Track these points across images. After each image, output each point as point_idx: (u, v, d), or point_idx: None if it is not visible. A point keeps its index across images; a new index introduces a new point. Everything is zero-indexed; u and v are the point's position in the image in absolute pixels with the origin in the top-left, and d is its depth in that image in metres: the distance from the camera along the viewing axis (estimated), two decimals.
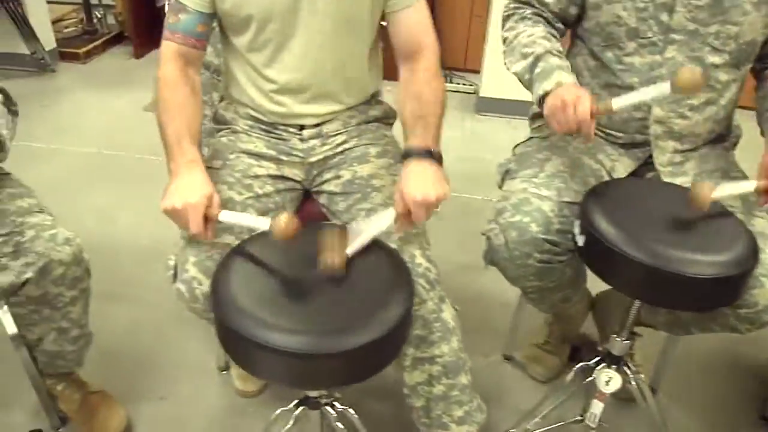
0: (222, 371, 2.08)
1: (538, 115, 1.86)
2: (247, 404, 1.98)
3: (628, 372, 1.70)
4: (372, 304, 1.24)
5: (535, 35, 1.63)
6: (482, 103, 3.86)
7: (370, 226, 1.37)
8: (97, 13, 4.84)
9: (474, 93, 4.05)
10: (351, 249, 1.31)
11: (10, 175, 1.64)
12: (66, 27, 4.82)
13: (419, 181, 1.40)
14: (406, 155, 1.47)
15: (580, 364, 1.74)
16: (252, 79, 1.63)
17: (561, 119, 1.44)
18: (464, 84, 4.16)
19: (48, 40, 4.36)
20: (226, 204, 1.47)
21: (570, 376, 1.78)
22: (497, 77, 3.58)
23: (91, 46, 4.63)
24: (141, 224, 2.76)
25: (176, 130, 1.46)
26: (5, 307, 1.58)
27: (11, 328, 1.62)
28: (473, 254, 1.53)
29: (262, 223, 1.31)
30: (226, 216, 1.37)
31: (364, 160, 1.65)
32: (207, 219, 1.35)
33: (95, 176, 3.19)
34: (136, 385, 2.01)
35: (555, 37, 1.68)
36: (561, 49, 1.64)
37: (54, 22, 4.57)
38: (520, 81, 1.65)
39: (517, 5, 1.73)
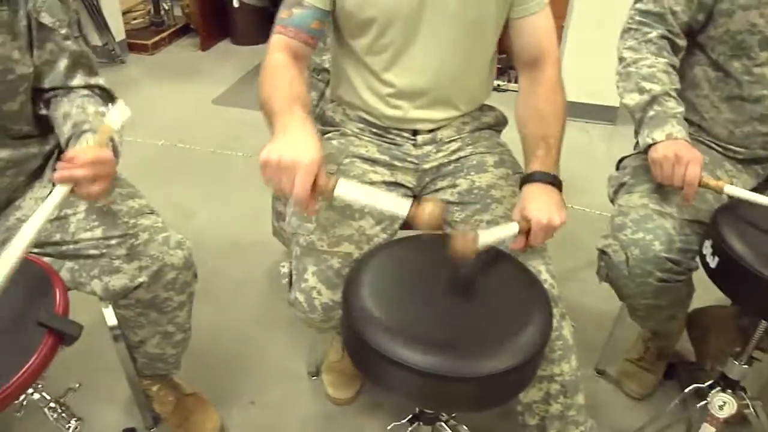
0: (312, 377, 2.05)
1: None
2: (340, 411, 1.94)
3: (745, 397, 1.63)
4: (511, 327, 1.19)
5: (657, 68, 1.58)
6: None
7: (494, 233, 1.33)
8: (164, 4, 4.85)
9: None
10: (482, 240, 1.24)
11: (119, 174, 1.61)
12: (134, 18, 4.83)
13: (543, 204, 1.38)
14: (529, 179, 1.45)
15: (693, 386, 1.68)
16: (367, 82, 1.59)
17: (668, 172, 1.46)
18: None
19: (118, 31, 4.39)
20: (345, 213, 1.43)
21: (678, 397, 1.73)
22: (568, 81, 3.47)
23: (158, 37, 4.65)
24: (220, 221, 2.75)
25: (285, 100, 1.30)
26: (110, 307, 1.55)
27: (114, 329, 1.60)
28: (557, 265, 1.49)
29: (398, 206, 1.18)
30: (344, 188, 1.19)
31: (481, 169, 1.60)
32: (314, 188, 1.17)
33: (171, 169, 3.18)
34: (225, 388, 1.99)
35: (674, 68, 1.63)
36: (678, 86, 1.60)
37: (123, 14, 4.59)
38: (629, 112, 1.62)
39: (643, 21, 1.66)
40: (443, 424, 1.48)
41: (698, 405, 1.66)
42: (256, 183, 2.03)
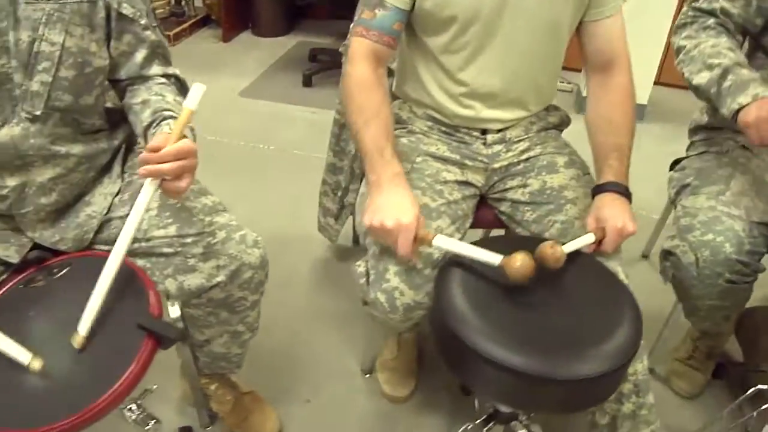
0: (365, 375, 2.04)
1: (702, 128, 1.81)
2: (397, 410, 1.93)
3: None
4: (604, 330, 1.20)
5: (720, 46, 1.56)
6: (583, 102, 3.74)
7: (575, 244, 1.37)
8: None
9: (571, 92, 4.01)
10: (569, 247, 1.31)
11: None
12: (154, 9, 4.77)
13: (617, 211, 1.42)
14: (603, 189, 1.47)
15: (757, 387, 1.68)
16: (439, 80, 1.58)
17: (766, 132, 1.39)
18: (562, 82, 4.07)
19: None
20: (422, 212, 1.42)
21: (737, 400, 1.71)
22: None
23: (178, 29, 4.61)
24: (258, 216, 2.72)
25: (375, 138, 1.41)
26: (176, 305, 1.54)
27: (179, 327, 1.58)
28: None
29: (491, 258, 1.27)
30: (441, 241, 1.32)
31: (552, 170, 1.60)
32: (415, 239, 1.31)
33: (202, 162, 3.14)
34: (278, 386, 1.98)
35: (739, 48, 1.60)
36: (747, 61, 1.56)
37: None
38: (700, 92, 1.58)
39: (697, 14, 1.65)
40: (518, 423, 1.48)
41: (761, 408, 1.65)
42: (290, 176, 2.04)
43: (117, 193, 1.48)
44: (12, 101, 1.26)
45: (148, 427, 1.33)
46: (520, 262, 1.22)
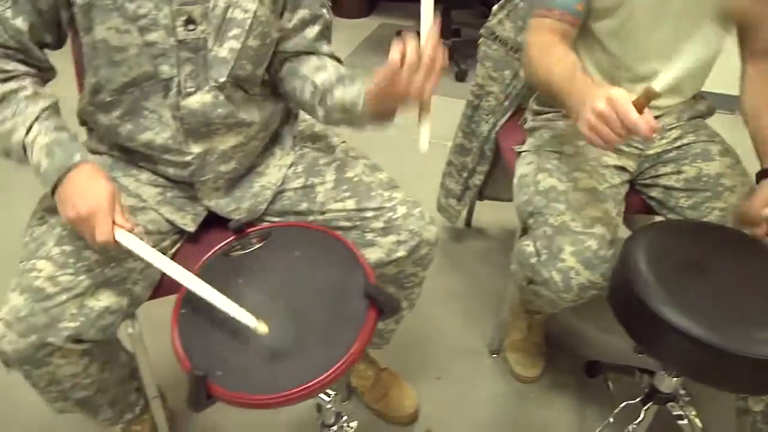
0: (492, 354, 2.07)
1: None
2: (527, 389, 1.97)
3: None
4: None
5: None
6: None
7: None
8: None
9: None
10: None
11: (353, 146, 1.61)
12: None
13: None
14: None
15: None
16: (601, 64, 1.59)
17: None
18: None
19: None
20: (591, 195, 1.44)
21: None
22: None
23: None
24: None
25: (564, 73, 1.37)
26: None
27: None
28: None
29: None
30: None
31: (707, 157, 1.60)
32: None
33: None
34: (410, 363, 2.02)
35: None
36: None
37: None
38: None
39: None
40: (675, 404, 1.50)
41: None
42: (402, 156, 2.03)
43: (290, 165, 1.51)
44: (205, 68, 1.27)
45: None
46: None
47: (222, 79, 1.29)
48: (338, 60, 1.48)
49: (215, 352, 1.07)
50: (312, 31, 1.42)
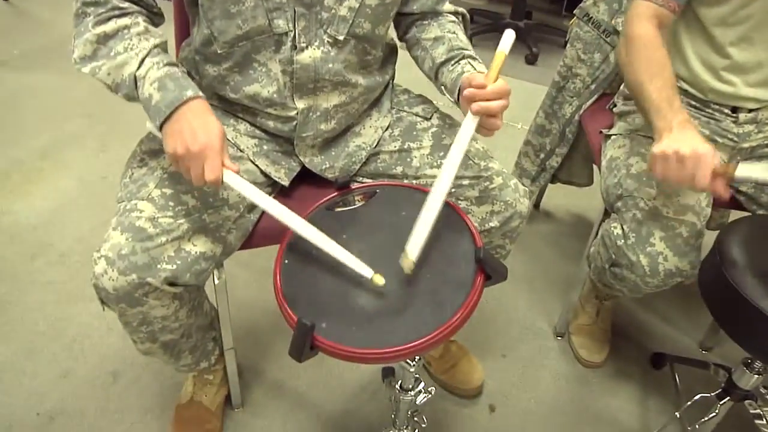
0: (557, 337, 2.07)
1: None
2: (591, 374, 1.97)
3: None
4: None
5: None
6: None
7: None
8: None
9: None
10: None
11: None
12: None
13: None
14: None
15: None
16: (703, 52, 1.57)
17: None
18: None
19: None
20: None
21: None
22: None
23: None
24: None
25: (661, 89, 1.38)
26: None
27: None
28: None
29: None
30: (744, 170, 1.27)
31: None
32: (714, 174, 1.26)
33: None
34: (476, 339, 2.03)
35: None
36: None
37: None
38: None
39: None
40: (753, 402, 1.49)
41: None
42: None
43: (387, 128, 1.52)
44: (318, 24, 1.28)
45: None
46: None
47: (341, 37, 1.31)
48: (462, 16, 1.51)
49: (319, 303, 1.07)
50: None
